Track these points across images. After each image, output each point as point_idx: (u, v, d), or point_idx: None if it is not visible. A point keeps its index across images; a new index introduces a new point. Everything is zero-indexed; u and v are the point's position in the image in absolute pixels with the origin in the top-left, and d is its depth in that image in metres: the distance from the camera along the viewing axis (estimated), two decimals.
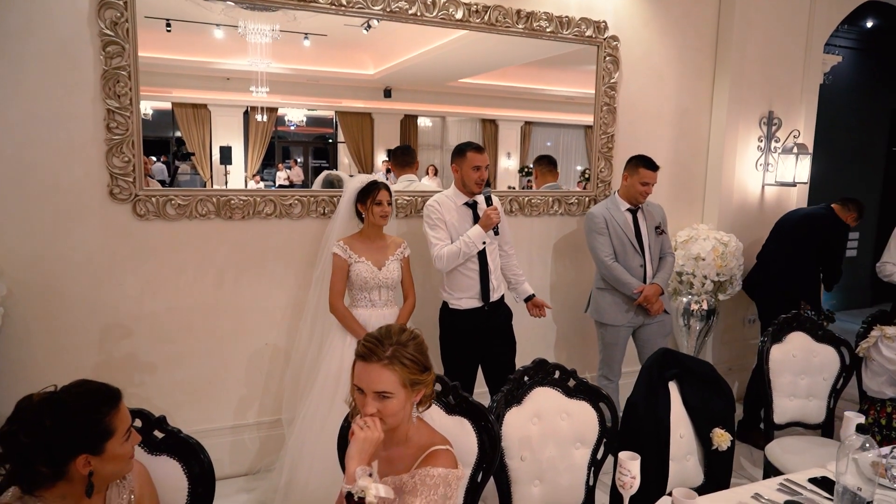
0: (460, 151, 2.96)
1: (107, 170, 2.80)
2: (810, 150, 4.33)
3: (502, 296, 3.11)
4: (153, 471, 1.56)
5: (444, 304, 3.05)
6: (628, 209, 3.37)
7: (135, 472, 1.48)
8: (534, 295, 3.22)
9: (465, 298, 2.98)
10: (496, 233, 2.97)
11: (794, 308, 3.33)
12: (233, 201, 3.03)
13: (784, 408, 2.82)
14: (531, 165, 4.19)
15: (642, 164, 3.29)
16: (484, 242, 2.91)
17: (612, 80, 3.84)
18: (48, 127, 2.70)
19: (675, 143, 4.18)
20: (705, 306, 3.98)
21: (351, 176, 3.26)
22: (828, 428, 2.87)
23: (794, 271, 3.84)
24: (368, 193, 2.80)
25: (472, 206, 2.99)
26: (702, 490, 2.05)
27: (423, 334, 1.61)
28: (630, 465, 1.56)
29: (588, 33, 3.72)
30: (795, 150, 4.19)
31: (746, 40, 4.12)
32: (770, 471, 2.70)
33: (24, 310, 2.75)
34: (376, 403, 1.46)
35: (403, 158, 3.60)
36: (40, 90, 2.67)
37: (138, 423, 1.60)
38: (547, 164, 3.97)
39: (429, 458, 1.50)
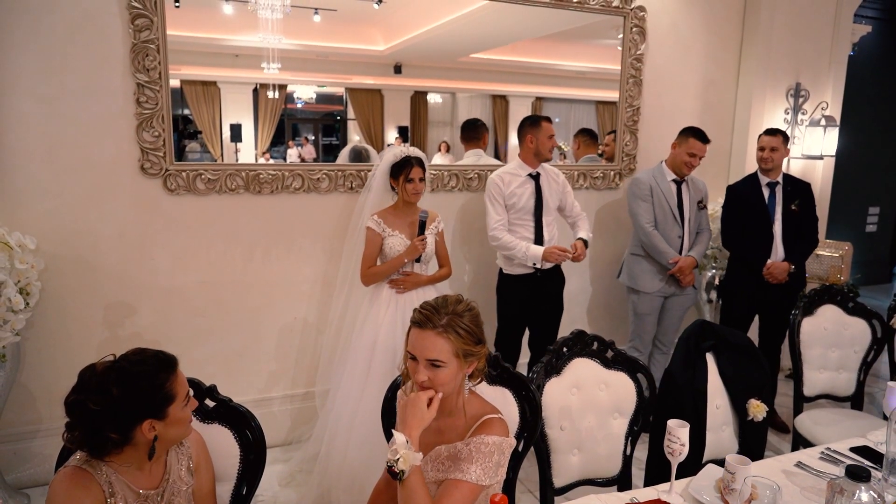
0: (535, 122, 3.06)
1: (137, 144, 2.80)
2: (838, 122, 4.26)
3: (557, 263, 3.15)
4: (206, 439, 1.59)
5: (500, 269, 3.18)
6: (673, 180, 3.37)
7: (192, 440, 1.51)
8: (580, 239, 3.12)
9: (519, 265, 3.08)
10: (418, 261, 2.79)
11: None
12: (261, 175, 3.03)
13: (814, 380, 2.82)
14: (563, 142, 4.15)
15: (693, 134, 3.29)
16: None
17: (638, 52, 3.79)
18: (78, 101, 2.70)
19: (701, 116, 4.12)
20: None
21: (379, 151, 3.24)
22: (857, 400, 2.87)
23: None
24: (401, 170, 2.74)
25: (536, 177, 3.09)
26: None
27: (477, 301, 1.60)
28: (679, 433, 1.57)
29: (615, 3, 3.65)
30: (823, 122, 4.13)
31: (775, 8, 4.03)
32: (799, 442, 2.71)
33: (58, 285, 2.77)
34: (428, 371, 1.47)
35: (472, 133, 3.59)
36: (70, 63, 2.66)
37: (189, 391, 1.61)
38: (588, 136, 3.95)
39: (483, 426, 1.51)
